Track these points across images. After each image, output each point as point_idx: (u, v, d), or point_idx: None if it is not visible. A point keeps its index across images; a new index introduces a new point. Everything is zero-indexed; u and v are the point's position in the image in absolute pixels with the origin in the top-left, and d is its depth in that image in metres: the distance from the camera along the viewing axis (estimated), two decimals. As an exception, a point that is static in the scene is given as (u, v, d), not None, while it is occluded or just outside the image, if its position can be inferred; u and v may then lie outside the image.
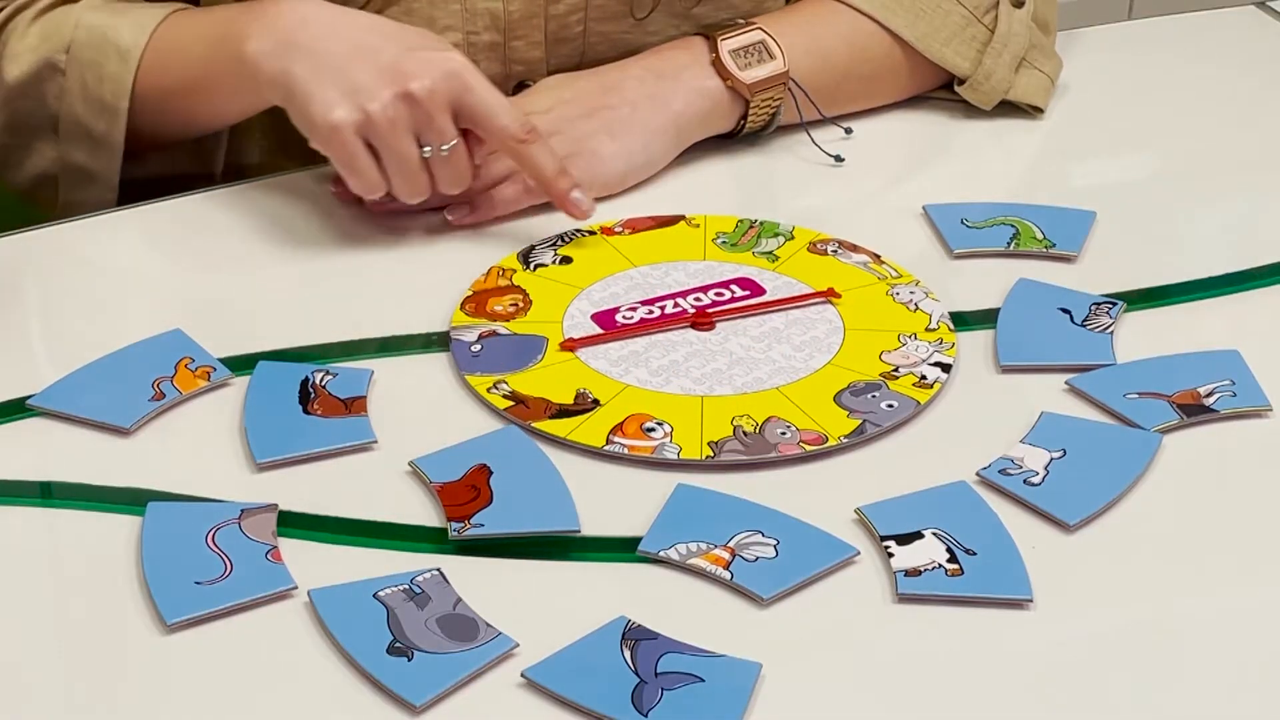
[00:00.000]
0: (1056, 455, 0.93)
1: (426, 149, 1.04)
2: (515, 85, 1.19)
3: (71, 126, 1.14)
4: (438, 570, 0.85)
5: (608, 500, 0.90)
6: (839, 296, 1.02)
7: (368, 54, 1.04)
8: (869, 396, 0.97)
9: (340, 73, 1.03)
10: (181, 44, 1.11)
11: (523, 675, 0.80)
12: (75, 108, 1.13)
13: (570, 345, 1.00)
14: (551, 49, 1.19)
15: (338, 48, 1.04)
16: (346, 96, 1.03)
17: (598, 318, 1.03)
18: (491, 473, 0.91)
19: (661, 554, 0.87)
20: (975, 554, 0.87)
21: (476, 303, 1.04)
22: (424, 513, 0.90)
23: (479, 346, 1.00)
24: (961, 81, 1.23)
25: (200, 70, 1.11)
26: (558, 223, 1.12)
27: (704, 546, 0.87)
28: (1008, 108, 1.24)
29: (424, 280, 1.07)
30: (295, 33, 1.05)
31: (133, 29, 1.11)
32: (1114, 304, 1.05)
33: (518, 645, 0.81)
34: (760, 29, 1.18)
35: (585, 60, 1.20)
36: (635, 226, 1.11)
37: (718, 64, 1.17)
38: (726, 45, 1.17)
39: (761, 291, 1.05)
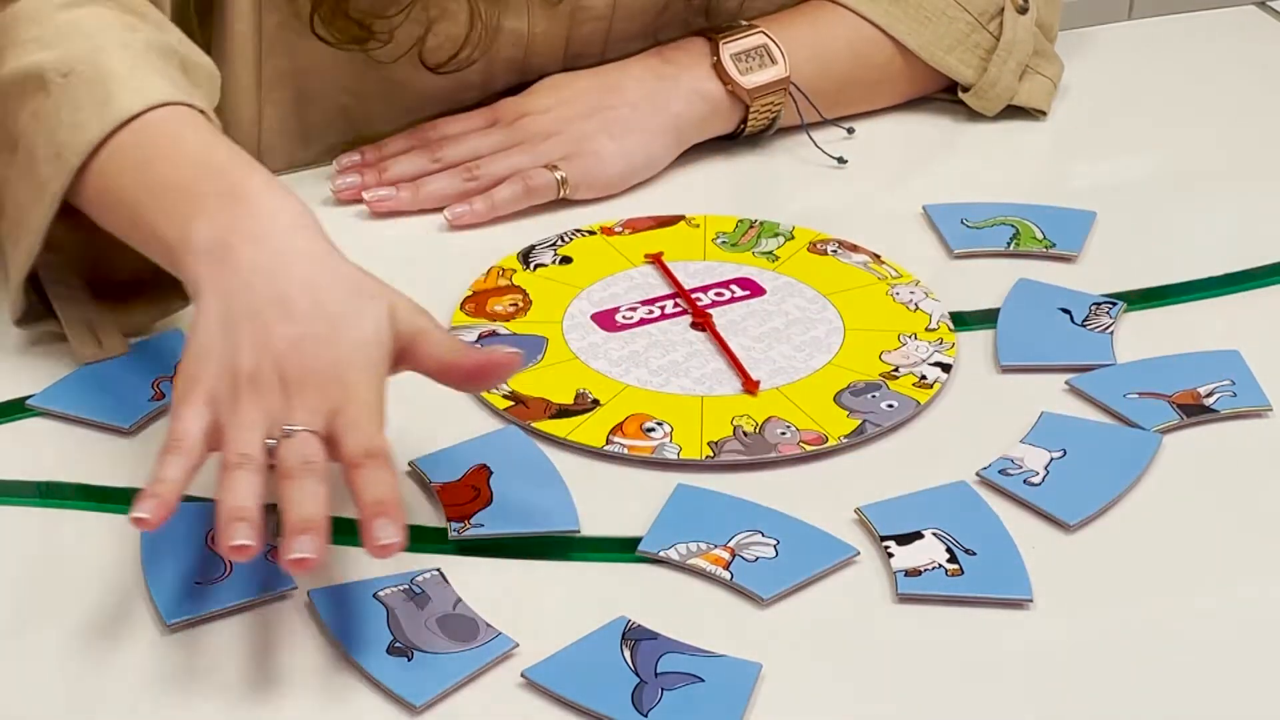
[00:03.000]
0: (1056, 455, 0.93)
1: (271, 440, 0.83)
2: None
3: (26, 156, 0.95)
4: (438, 570, 0.85)
5: (608, 500, 0.90)
6: (756, 388, 0.97)
7: (269, 319, 0.84)
8: (869, 396, 0.97)
9: (231, 330, 0.84)
10: (158, 152, 0.92)
11: (523, 675, 0.80)
12: (38, 138, 0.94)
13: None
14: (569, 64, 1.19)
15: (258, 291, 0.85)
16: (218, 373, 0.83)
17: (597, 317, 1.03)
18: (491, 473, 0.91)
19: (661, 554, 0.87)
20: (975, 554, 0.87)
21: (476, 303, 1.04)
22: (424, 513, 0.90)
23: (479, 346, 1.00)
24: (965, 88, 1.23)
25: (148, 195, 0.91)
26: (558, 223, 1.12)
27: (704, 546, 0.87)
28: (1009, 108, 1.24)
29: (424, 280, 1.06)
30: (238, 248, 0.86)
31: (133, 92, 0.92)
32: (1114, 304, 1.05)
33: (518, 645, 0.81)
34: (762, 32, 1.18)
35: None
36: (635, 226, 1.11)
37: (718, 67, 1.17)
38: (728, 49, 1.17)
39: (761, 292, 1.05)
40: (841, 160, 1.19)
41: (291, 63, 1.15)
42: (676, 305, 1.04)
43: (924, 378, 0.98)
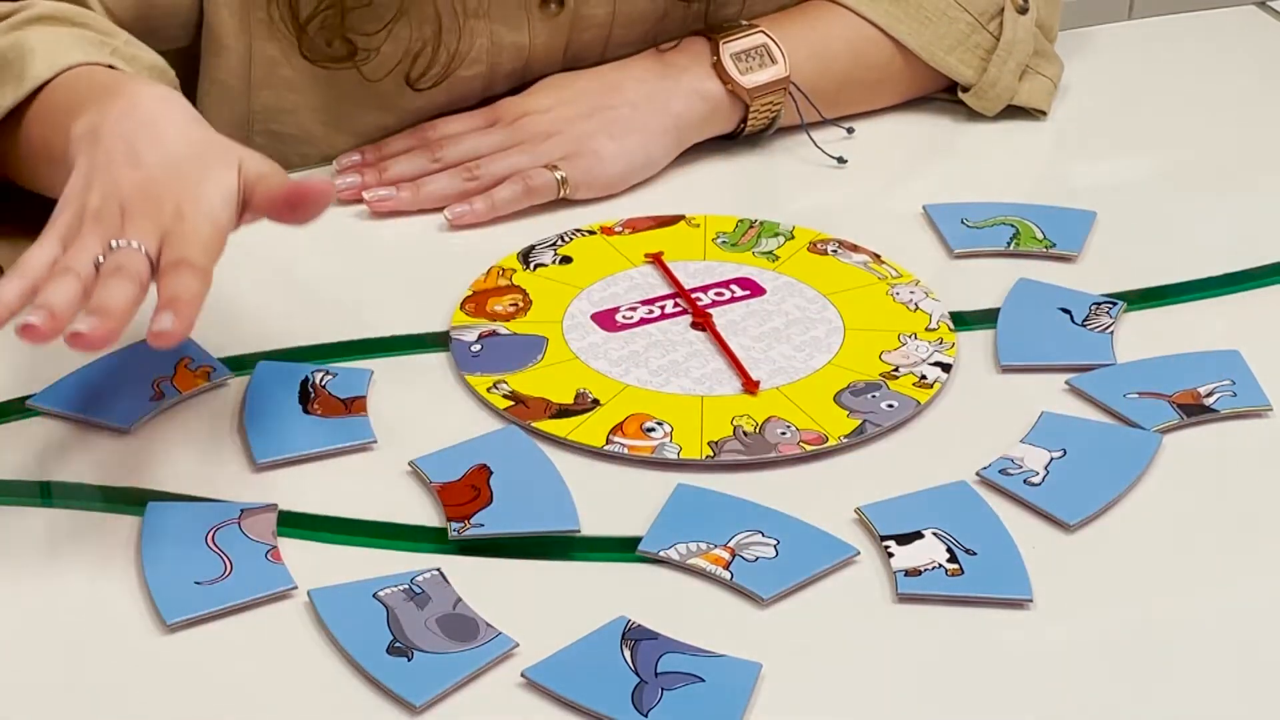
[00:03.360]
0: (1056, 455, 0.93)
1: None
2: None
3: None
4: (438, 570, 0.85)
5: (608, 500, 0.90)
6: (756, 389, 0.98)
7: (120, 167, 0.90)
8: (869, 396, 0.97)
9: (88, 180, 0.89)
10: (64, 99, 0.99)
11: (523, 675, 0.80)
12: None
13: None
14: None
15: (116, 150, 0.90)
16: (72, 213, 0.88)
17: (598, 317, 1.03)
18: (491, 473, 0.91)
19: (661, 554, 0.87)
20: (975, 554, 0.87)
21: (476, 303, 1.04)
22: (424, 513, 0.90)
23: (479, 346, 1.00)
24: (966, 89, 1.23)
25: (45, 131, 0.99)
26: (558, 223, 1.12)
27: (704, 546, 0.87)
28: (1009, 108, 1.24)
29: (424, 280, 1.07)
30: (104, 125, 0.92)
31: (44, 61, 1.00)
32: (1114, 304, 1.05)
33: (518, 645, 0.81)
34: (762, 32, 1.18)
35: None
36: (635, 226, 1.11)
37: (718, 67, 1.17)
38: (728, 49, 1.17)
39: (761, 292, 1.05)
40: (841, 160, 1.19)
41: (278, 99, 1.15)
42: (676, 305, 1.04)
43: (924, 378, 0.98)
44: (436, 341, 1.01)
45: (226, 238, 0.88)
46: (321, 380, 0.97)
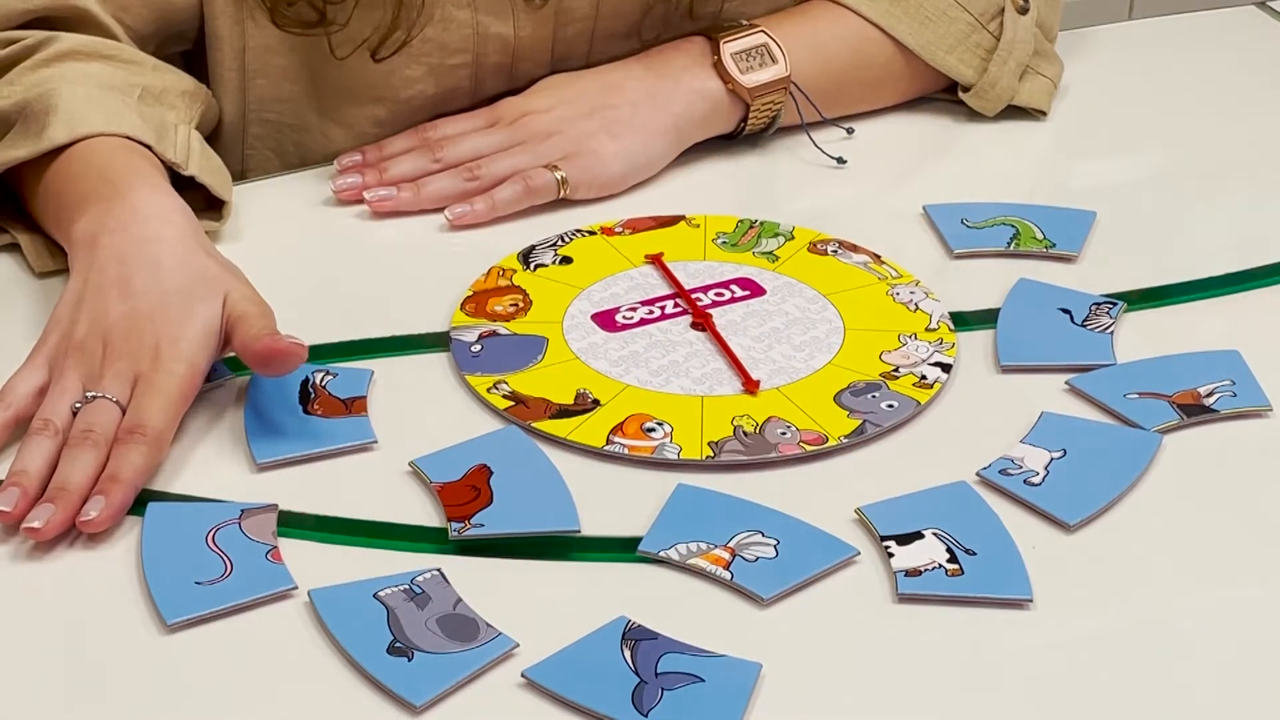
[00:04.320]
0: (1056, 455, 0.93)
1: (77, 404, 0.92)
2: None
3: None
4: (438, 570, 0.85)
5: (608, 500, 0.90)
6: (756, 387, 0.98)
7: (109, 296, 0.94)
8: (869, 396, 0.97)
9: (78, 305, 0.95)
10: (71, 171, 1.03)
11: (523, 675, 0.80)
12: None
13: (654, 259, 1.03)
14: (557, 67, 1.19)
15: (109, 271, 0.95)
16: (58, 341, 0.94)
17: (598, 318, 1.03)
18: (491, 473, 0.91)
19: (661, 554, 0.87)
20: (975, 554, 0.87)
21: (476, 303, 1.04)
22: (424, 513, 0.90)
23: (479, 346, 1.00)
24: (966, 88, 1.23)
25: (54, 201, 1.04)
26: (558, 222, 1.12)
27: (704, 546, 0.87)
28: (1009, 108, 1.24)
29: (424, 280, 1.07)
30: (102, 237, 0.97)
31: (64, 125, 1.03)
32: (1114, 304, 1.05)
33: (518, 645, 0.81)
34: (763, 32, 1.18)
35: None
36: (635, 226, 1.11)
37: (719, 66, 1.17)
38: (729, 48, 1.17)
39: (761, 292, 1.05)
40: (841, 160, 1.19)
41: (273, 89, 1.15)
42: (676, 305, 1.04)
43: (924, 378, 0.98)
44: (436, 341, 1.01)
45: (201, 379, 0.94)
46: (321, 380, 0.97)
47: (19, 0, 1.09)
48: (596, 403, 0.96)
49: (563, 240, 1.10)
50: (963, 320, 1.04)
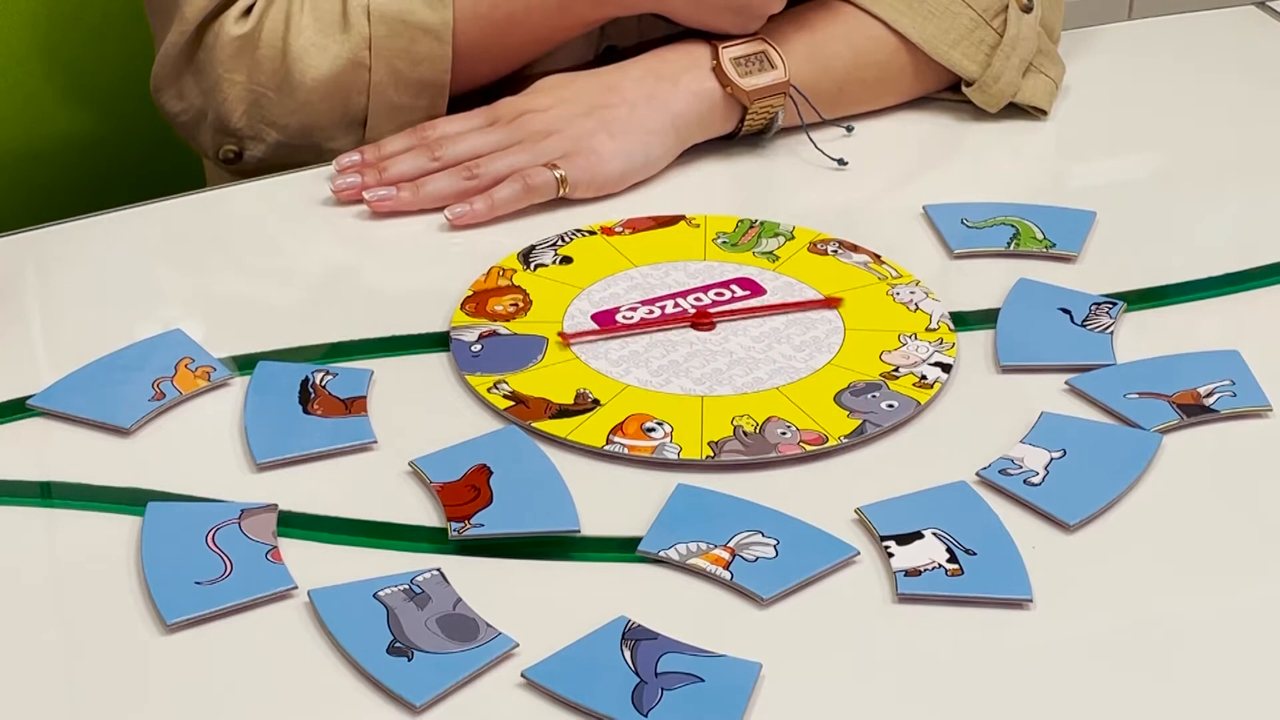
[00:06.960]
0: (1056, 455, 0.93)
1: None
2: (604, 49, 1.24)
3: (383, 113, 1.18)
4: (438, 570, 0.85)
5: (608, 500, 0.90)
6: (840, 303, 1.01)
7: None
8: (869, 396, 0.97)
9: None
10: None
11: (523, 675, 0.80)
12: (388, 96, 1.17)
13: (566, 338, 1.00)
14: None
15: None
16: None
17: (598, 318, 1.03)
18: (491, 473, 0.91)
19: (661, 554, 0.87)
20: (975, 554, 0.87)
21: (476, 303, 1.04)
22: (424, 513, 0.90)
23: (479, 346, 1.00)
24: (969, 83, 1.23)
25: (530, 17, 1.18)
26: (558, 222, 1.12)
27: (704, 546, 0.87)
28: (1009, 108, 1.24)
29: (424, 280, 1.07)
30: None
31: (428, 7, 1.16)
32: (1114, 304, 1.05)
33: (518, 645, 0.81)
34: (762, 38, 1.18)
35: None
36: (635, 226, 1.11)
37: (718, 70, 1.17)
38: (727, 53, 1.17)
39: (762, 291, 1.05)
40: (841, 160, 1.19)
41: None
42: (677, 305, 1.04)
43: (924, 378, 0.98)
44: (436, 341, 1.01)
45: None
46: (321, 380, 0.97)
47: None
48: (596, 403, 0.96)
49: (563, 240, 1.10)
50: (963, 320, 1.04)
